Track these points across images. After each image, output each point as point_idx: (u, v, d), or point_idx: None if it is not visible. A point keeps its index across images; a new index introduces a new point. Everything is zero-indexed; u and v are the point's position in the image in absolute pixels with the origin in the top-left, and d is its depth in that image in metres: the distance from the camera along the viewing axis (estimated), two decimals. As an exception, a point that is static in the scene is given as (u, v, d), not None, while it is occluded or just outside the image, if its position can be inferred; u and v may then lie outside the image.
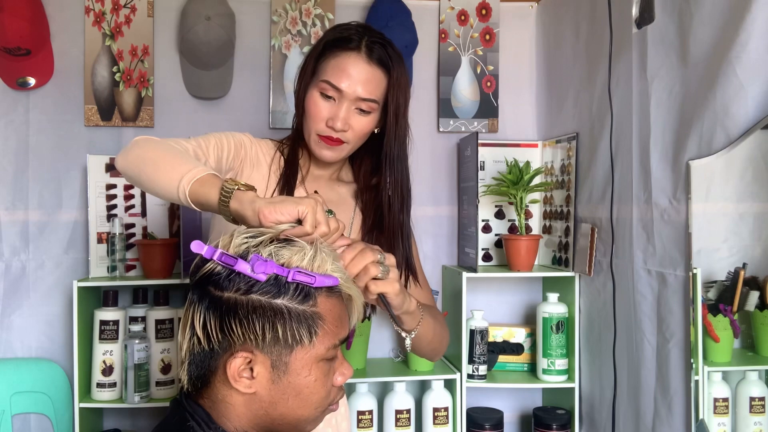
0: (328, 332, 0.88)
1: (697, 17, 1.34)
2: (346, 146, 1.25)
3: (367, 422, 1.88)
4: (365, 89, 1.21)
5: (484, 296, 2.09)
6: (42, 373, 1.90)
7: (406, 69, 1.27)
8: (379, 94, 1.23)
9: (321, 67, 1.23)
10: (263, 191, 1.26)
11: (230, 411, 0.88)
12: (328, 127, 1.22)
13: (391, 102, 1.25)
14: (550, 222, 2.06)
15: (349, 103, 1.21)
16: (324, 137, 1.23)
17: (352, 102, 1.21)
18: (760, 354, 1.37)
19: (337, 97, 1.21)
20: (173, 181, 1.01)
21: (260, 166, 1.28)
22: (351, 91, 1.20)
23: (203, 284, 0.87)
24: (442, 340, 1.33)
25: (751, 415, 1.38)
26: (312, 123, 1.23)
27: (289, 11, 2.06)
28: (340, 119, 1.21)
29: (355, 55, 1.20)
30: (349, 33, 1.23)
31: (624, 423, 1.64)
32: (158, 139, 1.11)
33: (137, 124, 2.00)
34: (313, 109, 1.22)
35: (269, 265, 0.85)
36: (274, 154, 1.30)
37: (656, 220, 1.48)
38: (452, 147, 2.16)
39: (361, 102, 1.21)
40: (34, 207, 1.96)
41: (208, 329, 0.85)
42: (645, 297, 1.53)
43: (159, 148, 1.08)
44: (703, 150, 1.33)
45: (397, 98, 1.25)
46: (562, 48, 2.01)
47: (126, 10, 1.99)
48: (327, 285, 0.88)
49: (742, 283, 1.33)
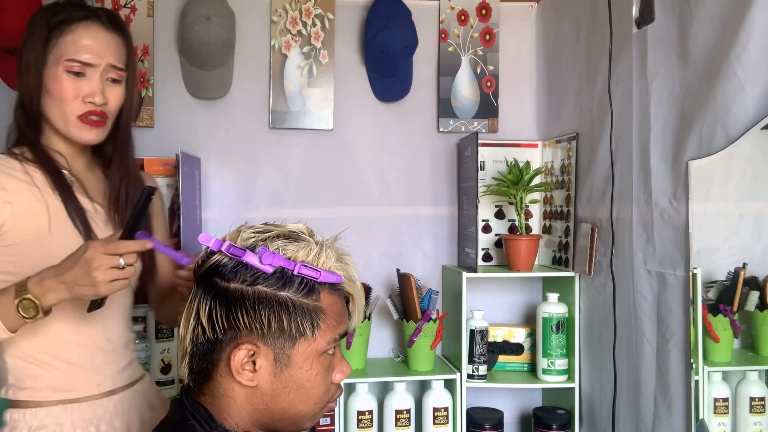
0: (330, 327, 0.90)
1: (697, 17, 1.34)
2: (108, 121, 1.21)
3: (367, 422, 1.88)
4: (114, 56, 1.18)
5: (484, 296, 2.09)
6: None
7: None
8: (125, 60, 1.21)
9: (57, 48, 1.15)
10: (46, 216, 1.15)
11: (231, 405, 0.90)
12: (86, 104, 1.16)
13: (131, 68, 1.23)
14: (550, 222, 2.07)
15: (101, 73, 1.17)
16: (85, 118, 1.16)
17: (104, 72, 1.17)
18: (760, 354, 1.37)
19: (87, 72, 1.15)
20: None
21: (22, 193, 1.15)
22: (101, 61, 1.16)
23: (209, 276, 0.89)
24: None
25: (751, 415, 1.38)
26: (66, 105, 1.15)
27: (289, 11, 2.06)
28: (98, 92, 1.16)
29: (91, 24, 1.16)
30: (69, 8, 1.17)
31: (624, 423, 1.64)
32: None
33: (137, 124, 1.99)
34: (62, 89, 1.14)
35: (276, 257, 0.87)
36: (24, 169, 1.17)
37: (656, 220, 1.48)
38: (452, 147, 2.16)
39: (112, 71, 1.18)
40: (34, 207, 1.95)
41: (213, 319, 0.87)
42: (645, 297, 1.53)
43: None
44: (703, 150, 1.33)
45: (134, 64, 1.24)
46: (562, 48, 2.01)
47: (126, 10, 1.99)
48: (331, 281, 0.90)
49: (742, 283, 1.33)
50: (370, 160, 2.12)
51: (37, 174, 1.17)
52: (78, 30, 1.15)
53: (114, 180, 1.27)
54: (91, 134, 1.19)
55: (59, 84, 1.15)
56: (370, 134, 2.12)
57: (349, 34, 2.10)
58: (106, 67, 1.17)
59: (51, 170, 1.18)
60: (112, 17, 1.20)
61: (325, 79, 2.07)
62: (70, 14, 1.17)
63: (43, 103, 1.18)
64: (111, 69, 1.18)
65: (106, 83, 1.18)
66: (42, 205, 1.15)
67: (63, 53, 1.15)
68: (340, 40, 2.09)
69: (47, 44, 1.16)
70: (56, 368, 1.18)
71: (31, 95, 1.18)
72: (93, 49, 1.15)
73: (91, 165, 1.29)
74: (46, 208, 1.15)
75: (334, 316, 0.91)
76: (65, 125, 1.18)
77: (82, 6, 1.19)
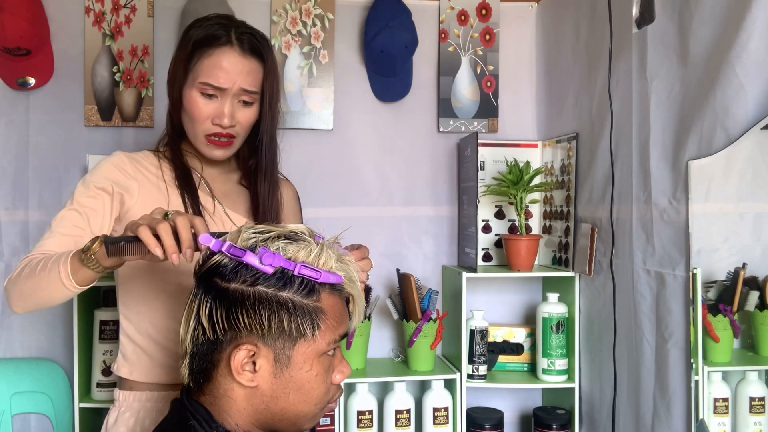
0: (330, 327, 0.90)
1: (697, 17, 1.34)
2: (236, 141, 1.25)
3: (367, 422, 1.89)
4: (246, 81, 1.21)
5: (484, 296, 2.09)
6: (42, 373, 1.90)
7: (273, 52, 1.28)
8: (259, 83, 1.24)
9: (195, 68, 1.21)
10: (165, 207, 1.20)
11: (231, 406, 0.90)
12: (214, 125, 1.21)
13: (267, 89, 1.26)
14: (550, 222, 2.07)
15: (233, 97, 1.21)
16: (212, 137, 1.23)
17: (235, 96, 1.21)
18: (760, 354, 1.37)
19: (219, 95, 1.20)
20: (60, 288, 1.04)
21: (148, 184, 1.24)
22: (232, 86, 1.20)
23: (209, 276, 0.89)
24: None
25: (750, 415, 1.38)
26: (197, 125, 1.22)
27: (289, 11, 2.06)
28: (226, 116, 1.20)
29: (229, 49, 1.20)
30: (215, 28, 1.21)
31: (624, 423, 1.64)
32: (21, 267, 1.12)
33: (137, 124, 2.00)
34: (195, 110, 1.21)
35: (277, 258, 0.87)
36: (160, 165, 1.28)
37: (656, 220, 1.48)
38: (452, 147, 2.16)
39: (244, 94, 1.22)
40: (34, 207, 1.96)
41: (214, 319, 0.87)
42: (645, 297, 1.53)
43: (27, 276, 1.09)
44: (703, 150, 1.33)
45: (272, 85, 1.26)
46: (562, 48, 2.01)
47: (126, 10, 1.99)
48: (331, 282, 0.90)
49: (742, 283, 1.33)
50: (370, 160, 2.12)
51: (168, 171, 1.27)
52: (215, 55, 1.20)
53: (262, 193, 1.32)
54: (218, 153, 1.25)
55: (193, 104, 1.21)
56: (370, 134, 2.12)
57: (349, 34, 2.10)
58: (238, 91, 1.21)
59: (180, 168, 1.27)
60: (252, 41, 1.22)
61: (325, 79, 2.08)
62: (215, 34, 1.20)
63: (182, 115, 1.25)
64: (242, 92, 1.21)
65: (237, 105, 1.22)
66: (164, 198, 1.23)
67: (199, 75, 1.20)
68: (340, 40, 2.09)
69: (189, 62, 1.22)
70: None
71: (173, 106, 1.27)
72: (226, 74, 1.19)
73: (227, 171, 1.34)
74: (167, 201, 1.23)
75: (334, 317, 0.90)
76: (195, 141, 1.25)
77: (226, 26, 1.22)
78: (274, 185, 1.34)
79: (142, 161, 1.27)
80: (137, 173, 1.24)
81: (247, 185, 1.34)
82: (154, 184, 1.24)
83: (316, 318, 0.88)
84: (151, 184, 1.24)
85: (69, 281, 1.03)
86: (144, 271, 1.23)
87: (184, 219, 0.93)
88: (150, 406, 1.23)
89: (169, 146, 1.30)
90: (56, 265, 1.04)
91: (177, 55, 1.25)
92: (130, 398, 1.24)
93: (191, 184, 1.26)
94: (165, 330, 1.22)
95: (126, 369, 1.25)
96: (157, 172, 1.26)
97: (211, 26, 1.22)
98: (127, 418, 1.22)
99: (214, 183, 1.31)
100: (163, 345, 1.23)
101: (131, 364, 1.24)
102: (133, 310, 1.25)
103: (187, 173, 1.28)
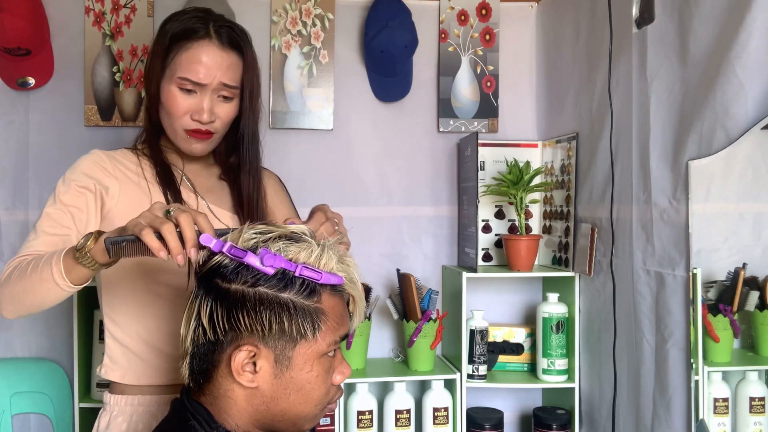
0: (330, 328, 0.90)
1: (697, 17, 1.34)
2: (215, 136, 1.24)
3: (367, 422, 1.89)
4: (226, 76, 1.19)
5: (484, 296, 2.09)
6: (42, 373, 1.90)
7: (253, 46, 1.25)
8: (239, 78, 1.22)
9: (173, 63, 1.18)
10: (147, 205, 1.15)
11: (231, 406, 0.90)
12: (194, 121, 1.19)
13: (247, 84, 1.24)
14: (550, 222, 2.07)
15: (212, 92, 1.19)
16: (191, 131, 1.20)
17: (215, 90, 1.19)
18: (760, 354, 1.37)
19: (198, 90, 1.18)
20: (53, 289, 1.02)
21: (129, 182, 1.22)
22: (212, 81, 1.18)
23: (210, 277, 0.89)
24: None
25: (751, 415, 1.38)
26: (175, 120, 1.20)
27: (289, 11, 2.06)
28: (206, 111, 1.18)
29: (207, 43, 1.17)
30: (192, 21, 1.19)
31: (624, 423, 1.64)
32: (9, 270, 1.09)
33: (137, 124, 2.00)
34: (173, 105, 1.19)
35: (278, 259, 0.87)
36: (139, 162, 1.25)
37: (656, 220, 1.48)
38: (452, 147, 2.16)
39: (224, 89, 1.20)
40: (34, 207, 1.95)
41: (214, 319, 0.87)
42: (644, 297, 1.53)
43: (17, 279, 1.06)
44: (703, 150, 1.33)
45: (252, 79, 1.25)
46: (562, 48, 2.01)
47: (126, 10, 1.99)
48: (332, 283, 0.90)
49: (742, 283, 1.33)
50: (370, 160, 2.12)
51: (148, 168, 1.25)
52: (194, 48, 1.17)
53: (247, 188, 1.30)
54: (197, 147, 1.23)
55: (171, 99, 1.19)
56: (370, 134, 2.12)
57: (349, 34, 2.10)
58: (217, 86, 1.19)
59: (160, 165, 1.25)
60: (231, 35, 1.20)
61: (325, 79, 2.08)
62: (193, 27, 1.18)
63: (160, 110, 1.23)
64: (222, 87, 1.19)
65: (217, 100, 1.20)
66: (146, 196, 1.21)
67: (177, 70, 1.18)
68: (340, 40, 2.09)
69: (166, 56, 1.19)
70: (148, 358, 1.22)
71: (150, 101, 1.24)
72: (205, 69, 1.17)
73: (208, 167, 1.32)
74: (149, 198, 1.20)
75: (335, 318, 0.90)
76: (173, 136, 1.23)
77: (204, 19, 1.19)
78: (258, 181, 1.31)
79: (121, 159, 1.25)
80: (117, 171, 1.22)
81: (228, 180, 1.32)
82: (135, 182, 1.22)
83: (316, 319, 0.88)
84: (131, 182, 1.22)
85: (63, 281, 1.00)
86: (129, 272, 1.19)
87: (187, 217, 0.91)
88: (142, 410, 1.20)
89: (147, 143, 1.28)
90: (48, 265, 1.01)
91: (153, 49, 1.22)
92: (122, 402, 1.21)
93: (172, 180, 1.24)
94: (155, 331, 1.20)
95: (117, 372, 1.22)
96: (137, 170, 1.24)
97: (188, 19, 1.19)
98: (120, 422, 1.20)
99: (197, 179, 1.29)
100: (155, 346, 1.20)
101: (122, 367, 1.21)
102: (118, 311, 1.22)
103: (168, 170, 1.25)
